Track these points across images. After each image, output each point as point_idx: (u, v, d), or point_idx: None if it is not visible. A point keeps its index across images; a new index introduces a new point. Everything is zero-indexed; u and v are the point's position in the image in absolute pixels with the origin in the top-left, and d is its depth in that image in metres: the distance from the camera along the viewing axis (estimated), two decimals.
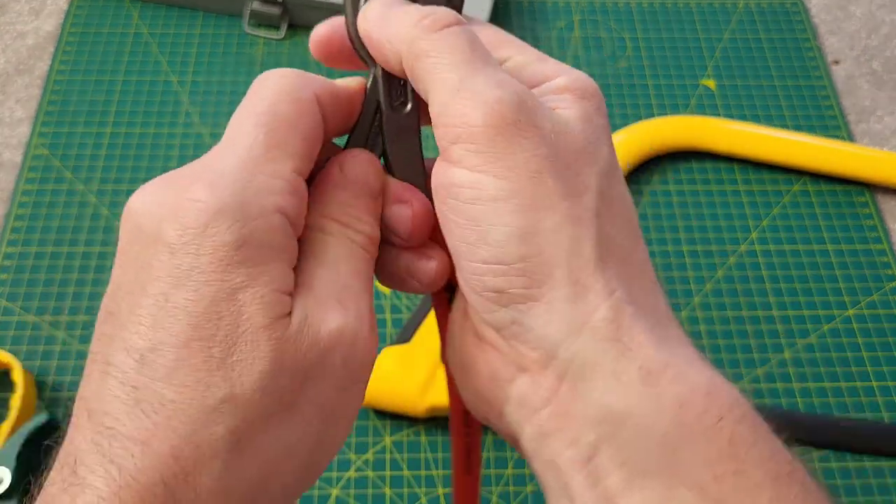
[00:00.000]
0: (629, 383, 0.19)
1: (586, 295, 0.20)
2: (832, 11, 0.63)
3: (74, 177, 0.52)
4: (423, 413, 0.42)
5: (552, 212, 0.20)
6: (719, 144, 0.53)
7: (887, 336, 0.48)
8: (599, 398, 0.19)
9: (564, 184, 0.20)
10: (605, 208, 0.20)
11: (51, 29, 0.58)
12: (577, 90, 0.22)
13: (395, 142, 0.23)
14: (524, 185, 0.19)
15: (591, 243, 0.20)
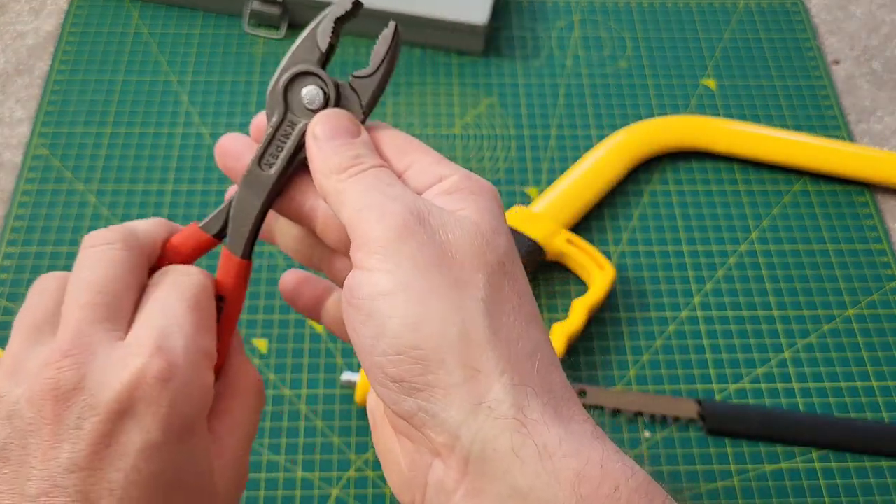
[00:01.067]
0: (528, 460, 0.20)
1: (478, 377, 0.21)
2: (832, 11, 0.63)
3: (74, 177, 0.52)
4: None
5: (441, 302, 0.22)
6: (719, 144, 0.53)
7: (887, 336, 0.48)
8: (503, 477, 0.21)
9: (453, 276, 0.22)
10: (494, 296, 0.22)
11: (51, 29, 0.58)
12: (469, 188, 0.24)
13: (242, 193, 0.26)
14: (414, 279, 0.22)
15: (480, 329, 0.22)
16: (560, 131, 0.55)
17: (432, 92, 0.57)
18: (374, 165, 0.25)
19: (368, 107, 0.26)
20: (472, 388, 0.21)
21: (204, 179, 0.52)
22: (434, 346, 0.21)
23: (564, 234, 0.48)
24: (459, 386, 0.21)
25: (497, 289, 0.23)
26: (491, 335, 0.22)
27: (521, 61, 0.58)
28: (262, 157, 0.26)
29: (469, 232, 0.23)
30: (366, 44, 0.58)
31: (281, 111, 0.26)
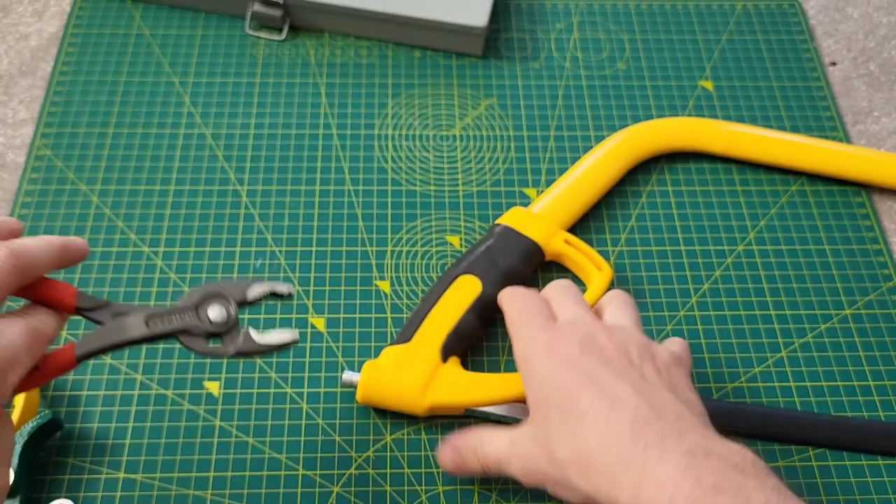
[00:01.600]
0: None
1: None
2: (829, 13, 0.63)
3: (77, 177, 0.52)
4: (424, 412, 0.42)
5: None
6: (716, 146, 0.54)
7: (884, 336, 0.48)
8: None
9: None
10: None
11: (54, 30, 0.59)
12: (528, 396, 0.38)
13: (116, 324, 0.34)
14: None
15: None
16: (559, 132, 0.56)
17: (432, 93, 0.57)
18: None
19: (238, 353, 0.35)
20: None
21: (206, 180, 0.52)
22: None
23: (562, 235, 0.48)
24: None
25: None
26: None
27: (520, 63, 0.59)
28: (152, 316, 0.34)
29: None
30: (366, 45, 0.59)
31: (192, 307, 0.34)
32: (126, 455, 0.42)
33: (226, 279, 0.45)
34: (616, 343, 0.36)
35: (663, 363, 0.36)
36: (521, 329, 0.38)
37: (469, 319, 0.44)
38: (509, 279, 0.45)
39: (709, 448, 0.31)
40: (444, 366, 0.43)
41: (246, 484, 0.42)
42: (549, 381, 0.35)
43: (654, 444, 0.31)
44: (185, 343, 0.34)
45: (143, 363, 0.45)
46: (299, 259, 0.49)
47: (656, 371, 0.35)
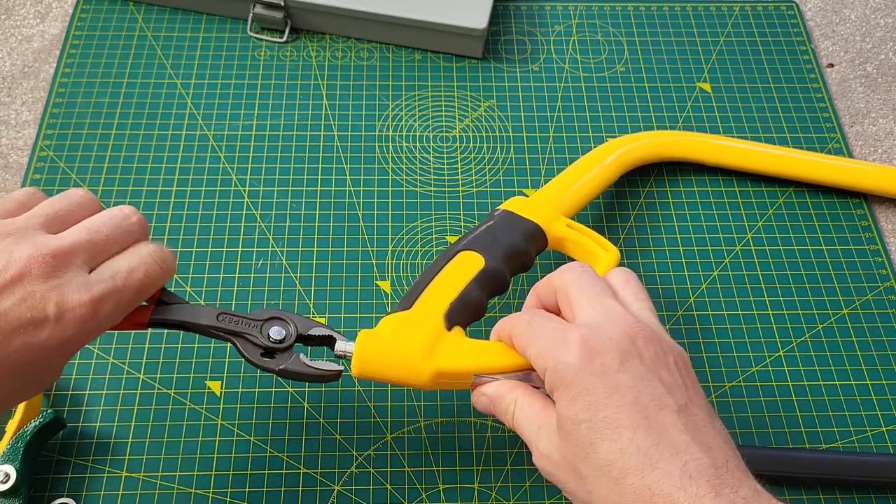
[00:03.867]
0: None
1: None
2: (827, 15, 0.64)
3: (79, 179, 0.52)
4: (428, 380, 0.37)
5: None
6: (710, 158, 0.53)
7: (882, 335, 0.48)
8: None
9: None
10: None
11: (56, 32, 0.59)
12: (551, 383, 0.34)
13: (190, 309, 0.37)
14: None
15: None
16: (558, 134, 0.56)
17: (432, 95, 0.57)
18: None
19: (284, 372, 0.37)
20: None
21: (207, 181, 0.52)
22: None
23: (564, 220, 0.45)
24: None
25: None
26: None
27: (519, 65, 0.59)
28: (223, 314, 0.37)
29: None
30: (367, 47, 0.59)
31: (260, 322, 0.37)
32: (128, 454, 0.42)
33: (290, 303, 0.48)
34: (654, 350, 0.33)
35: (692, 376, 0.33)
36: (536, 341, 0.34)
37: (473, 290, 0.40)
38: (512, 257, 0.42)
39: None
40: (449, 333, 0.38)
41: (248, 482, 0.42)
42: (583, 397, 0.31)
43: (707, 494, 0.28)
44: (241, 348, 0.36)
45: (145, 362, 0.45)
46: (300, 259, 0.50)
47: (694, 385, 0.32)
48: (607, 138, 0.56)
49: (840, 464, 0.43)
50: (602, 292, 0.35)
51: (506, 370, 0.37)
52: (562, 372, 0.32)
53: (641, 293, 0.36)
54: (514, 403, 0.35)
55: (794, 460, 0.43)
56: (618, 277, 0.37)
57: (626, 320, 0.33)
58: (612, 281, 0.37)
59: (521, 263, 0.43)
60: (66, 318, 0.30)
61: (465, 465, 0.43)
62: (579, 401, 0.31)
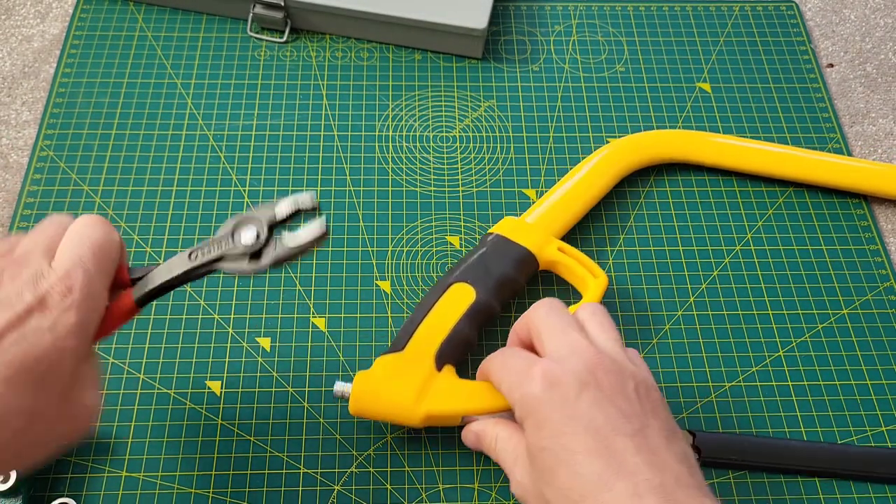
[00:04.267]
0: None
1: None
2: (826, 15, 0.64)
3: (79, 178, 0.52)
4: (419, 422, 0.41)
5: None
6: (708, 158, 0.53)
7: (881, 336, 0.48)
8: None
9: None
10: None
11: (56, 32, 0.59)
12: (519, 416, 0.36)
13: (168, 264, 0.36)
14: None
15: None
16: (558, 134, 0.56)
17: (432, 95, 0.57)
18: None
19: (276, 262, 0.36)
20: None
21: (207, 181, 0.52)
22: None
23: (556, 243, 0.47)
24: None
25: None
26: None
27: (519, 65, 0.59)
28: (194, 251, 0.35)
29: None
30: (367, 47, 0.59)
31: (228, 234, 0.36)
32: (128, 454, 0.42)
33: (253, 203, 0.46)
34: (613, 380, 0.34)
35: (654, 400, 0.35)
36: (507, 377, 0.37)
37: (463, 326, 0.43)
38: (503, 287, 0.45)
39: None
40: (439, 374, 0.41)
41: (248, 482, 0.42)
42: (545, 425, 0.34)
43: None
44: (227, 269, 0.36)
45: (145, 362, 0.45)
46: (300, 259, 0.49)
47: (653, 410, 0.34)
48: (607, 138, 0.56)
49: (837, 455, 0.43)
50: (568, 327, 0.37)
51: (492, 410, 0.40)
52: (527, 402, 0.35)
53: (607, 325, 0.38)
54: (495, 438, 0.38)
55: (791, 450, 0.44)
56: (585, 312, 0.39)
57: (588, 352, 0.35)
58: (581, 315, 0.39)
59: (512, 290, 0.46)
60: (47, 302, 0.30)
61: (465, 465, 0.43)
62: (542, 429, 0.34)
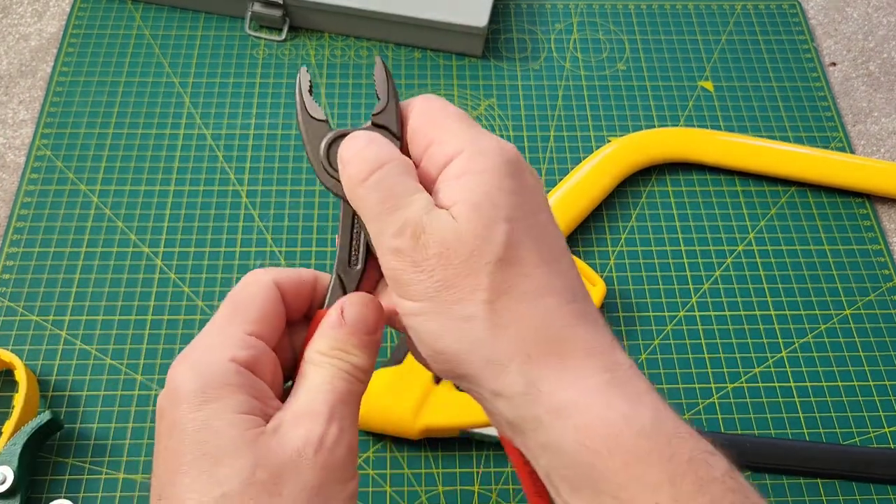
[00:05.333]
0: (547, 422, 0.25)
1: (493, 368, 0.25)
2: (829, 14, 0.64)
3: (77, 178, 0.52)
4: (417, 434, 0.42)
5: (451, 318, 0.25)
6: (710, 156, 0.53)
7: (884, 335, 0.48)
8: (533, 435, 0.25)
9: (457, 294, 0.25)
10: (496, 292, 0.25)
11: (54, 31, 0.59)
12: (473, 168, 0.26)
13: (337, 282, 0.29)
14: (426, 304, 0.25)
15: (486, 330, 0.25)
16: (558, 133, 0.56)
17: (433, 93, 0.57)
18: (380, 167, 0.27)
19: (400, 131, 0.29)
20: (492, 376, 0.25)
21: (206, 180, 0.52)
22: (454, 351, 0.25)
23: None
24: (483, 377, 0.25)
25: (499, 283, 0.25)
26: (497, 331, 0.25)
27: (519, 63, 0.59)
28: (349, 259, 0.29)
29: (464, 242, 0.25)
30: (366, 45, 0.59)
31: (349, 211, 0.28)
32: (126, 455, 0.42)
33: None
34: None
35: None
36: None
37: None
38: None
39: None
40: (437, 387, 0.42)
41: None
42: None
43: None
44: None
45: (142, 363, 0.45)
46: (299, 259, 0.49)
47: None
48: (608, 137, 0.55)
49: (839, 456, 0.43)
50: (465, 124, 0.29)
51: (489, 422, 0.39)
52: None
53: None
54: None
55: (793, 451, 0.43)
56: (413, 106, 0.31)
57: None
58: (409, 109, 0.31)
59: None
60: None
61: (465, 467, 0.43)
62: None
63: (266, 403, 0.26)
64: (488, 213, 0.25)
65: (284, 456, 0.24)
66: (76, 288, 0.47)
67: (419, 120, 0.28)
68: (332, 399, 0.26)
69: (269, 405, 0.26)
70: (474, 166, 0.26)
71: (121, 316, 0.46)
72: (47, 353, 0.45)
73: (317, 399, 0.26)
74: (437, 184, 0.26)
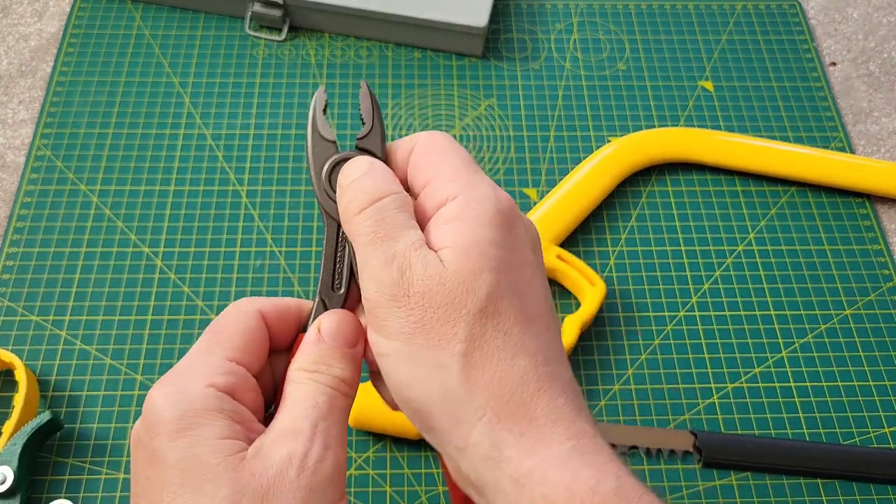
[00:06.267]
0: (508, 490, 0.24)
1: (461, 425, 0.24)
2: (829, 13, 0.64)
3: (77, 178, 0.52)
4: (417, 434, 0.42)
5: (424, 365, 0.24)
6: (710, 156, 0.53)
7: (885, 336, 0.48)
8: (495, 499, 0.25)
9: (434, 337, 0.24)
10: (474, 344, 0.24)
11: (53, 31, 0.59)
12: (465, 216, 0.25)
13: (321, 307, 0.29)
14: (401, 345, 0.25)
15: (458, 384, 0.24)
16: (559, 133, 0.56)
17: (432, 94, 0.57)
18: (375, 201, 0.26)
19: (383, 157, 0.29)
20: (458, 433, 0.25)
21: (206, 180, 0.52)
22: (423, 401, 0.25)
23: (555, 251, 0.48)
24: (448, 432, 0.25)
25: (478, 335, 0.25)
26: (469, 386, 0.24)
27: (520, 63, 0.59)
28: (332, 282, 0.29)
29: (447, 287, 0.25)
30: (366, 45, 0.59)
31: (333, 226, 0.28)
32: (126, 455, 0.42)
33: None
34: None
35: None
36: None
37: None
38: None
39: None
40: None
41: None
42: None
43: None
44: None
45: (142, 363, 0.45)
46: (299, 259, 0.49)
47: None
48: (608, 137, 0.55)
49: (839, 457, 0.43)
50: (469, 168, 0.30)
51: None
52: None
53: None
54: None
55: (793, 451, 0.43)
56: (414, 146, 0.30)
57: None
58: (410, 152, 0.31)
59: None
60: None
61: None
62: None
63: (248, 427, 0.25)
64: (475, 263, 0.25)
65: (267, 479, 0.24)
66: (76, 288, 0.47)
67: (421, 156, 0.28)
68: (314, 415, 0.25)
69: (251, 429, 0.26)
70: (468, 213, 0.25)
71: (121, 316, 0.46)
72: (47, 353, 0.45)
73: (298, 416, 0.25)
74: (429, 223, 0.26)
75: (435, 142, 0.28)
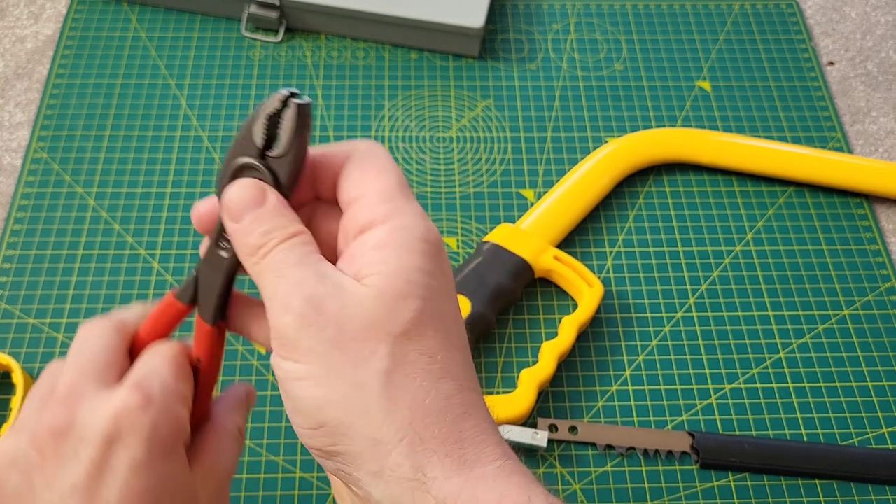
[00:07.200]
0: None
1: (379, 446, 0.24)
2: (827, 13, 0.63)
3: (73, 180, 0.52)
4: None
5: (342, 382, 0.24)
6: (707, 156, 0.53)
7: (882, 336, 0.48)
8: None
9: (353, 354, 0.24)
10: (397, 364, 0.24)
11: (50, 33, 0.59)
12: (393, 242, 0.25)
13: (205, 269, 0.28)
14: (316, 365, 0.24)
15: (378, 402, 0.24)
16: (556, 133, 0.56)
17: (429, 95, 0.57)
18: (283, 239, 0.25)
19: (288, 185, 0.26)
20: (375, 456, 0.24)
21: (202, 182, 0.52)
22: (339, 422, 0.24)
23: (552, 252, 0.48)
24: (364, 454, 0.24)
25: (401, 356, 0.24)
26: (390, 405, 0.24)
27: (517, 64, 0.59)
28: (217, 240, 0.27)
29: (369, 308, 0.24)
30: (362, 46, 0.59)
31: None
32: None
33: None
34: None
35: None
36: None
37: None
38: (498, 297, 0.45)
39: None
40: None
41: (243, 487, 0.42)
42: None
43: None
44: (270, 180, 0.27)
45: None
46: None
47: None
48: (606, 138, 0.55)
49: (837, 457, 0.43)
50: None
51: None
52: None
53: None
54: None
55: (791, 452, 0.43)
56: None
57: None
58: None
59: (508, 301, 0.46)
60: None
61: None
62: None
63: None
64: (402, 289, 0.24)
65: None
66: (73, 290, 0.47)
67: (356, 167, 0.26)
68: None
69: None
70: (395, 240, 0.25)
71: None
72: (44, 355, 0.45)
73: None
74: (354, 243, 0.25)
75: (372, 155, 0.27)
